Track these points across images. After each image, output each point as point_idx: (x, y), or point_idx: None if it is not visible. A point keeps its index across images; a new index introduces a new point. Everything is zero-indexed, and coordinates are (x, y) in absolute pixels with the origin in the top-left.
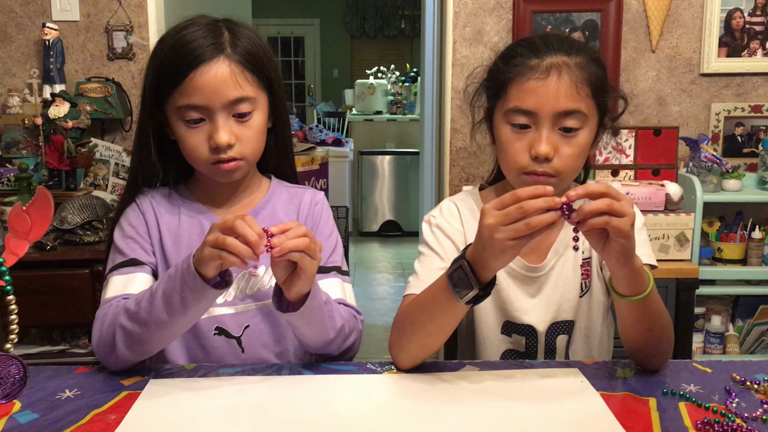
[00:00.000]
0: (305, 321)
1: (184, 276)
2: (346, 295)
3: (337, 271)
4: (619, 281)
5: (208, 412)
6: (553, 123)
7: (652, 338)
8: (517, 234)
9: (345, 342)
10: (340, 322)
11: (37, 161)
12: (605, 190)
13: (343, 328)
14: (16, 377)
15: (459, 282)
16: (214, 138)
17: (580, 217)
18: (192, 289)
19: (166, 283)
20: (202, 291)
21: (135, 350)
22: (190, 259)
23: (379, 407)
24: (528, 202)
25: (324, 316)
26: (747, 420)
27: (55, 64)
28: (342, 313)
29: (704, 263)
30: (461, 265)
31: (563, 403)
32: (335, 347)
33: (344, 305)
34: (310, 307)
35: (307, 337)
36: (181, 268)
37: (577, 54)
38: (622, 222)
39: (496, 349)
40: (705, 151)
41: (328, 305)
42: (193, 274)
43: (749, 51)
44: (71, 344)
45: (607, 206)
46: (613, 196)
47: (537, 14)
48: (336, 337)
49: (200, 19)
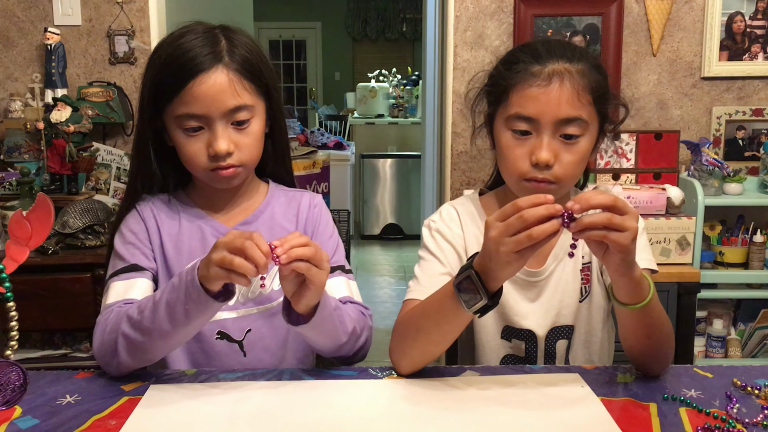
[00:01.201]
0: (317, 331)
1: (188, 288)
2: (352, 293)
3: (341, 270)
4: (618, 289)
5: (208, 417)
6: (554, 130)
7: (652, 345)
8: (519, 246)
9: (357, 342)
10: (351, 326)
11: (38, 165)
12: (611, 203)
13: (354, 330)
14: (16, 384)
15: (467, 292)
16: (213, 146)
17: (579, 229)
18: (196, 301)
19: (170, 294)
20: (206, 304)
21: (137, 358)
22: (194, 272)
23: (379, 412)
24: (528, 211)
25: (335, 323)
26: (748, 426)
27: (56, 68)
28: (351, 315)
29: (706, 267)
30: (469, 275)
31: (564, 408)
32: (348, 349)
33: (351, 303)
34: (321, 317)
35: (320, 344)
36: (185, 279)
37: (579, 61)
38: (621, 237)
39: (496, 354)
40: (706, 155)
41: (338, 311)
42: (197, 287)
43: (750, 55)
44: (73, 348)
45: (606, 220)
46: (619, 209)
47: (538, 18)
48: (348, 341)
49: (196, 26)
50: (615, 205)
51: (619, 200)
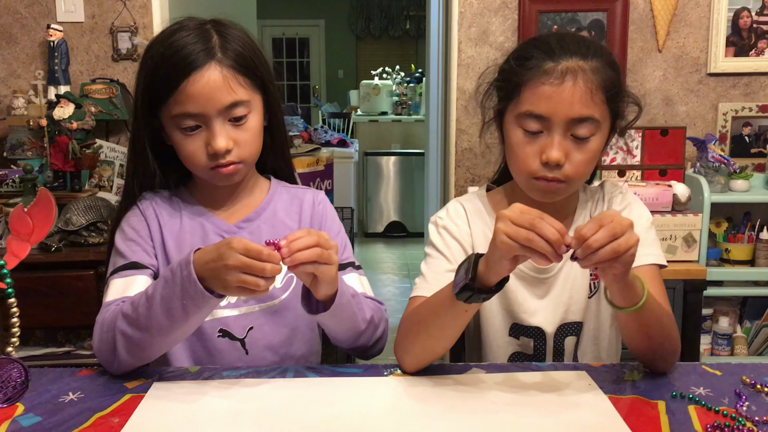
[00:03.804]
0: (336, 319)
1: (184, 284)
2: (365, 289)
3: (352, 267)
4: (612, 294)
5: (212, 414)
6: (565, 129)
7: (654, 344)
8: (516, 236)
9: (375, 332)
10: (369, 313)
11: (41, 163)
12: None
13: (373, 318)
14: (17, 381)
15: (459, 273)
16: (211, 144)
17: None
18: (193, 297)
19: (164, 289)
20: (203, 299)
21: (136, 355)
22: (190, 267)
23: (384, 410)
24: (543, 223)
25: (354, 309)
26: (758, 423)
27: (59, 65)
28: (369, 305)
29: (712, 264)
30: (469, 258)
31: (571, 406)
32: (367, 338)
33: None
34: (340, 303)
35: (340, 333)
36: (180, 275)
37: (593, 58)
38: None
39: (504, 351)
40: (712, 152)
41: (356, 298)
42: (194, 282)
43: (757, 50)
44: (76, 345)
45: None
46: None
47: (543, 14)
48: (367, 328)
49: (188, 22)
50: (614, 234)
51: (616, 225)
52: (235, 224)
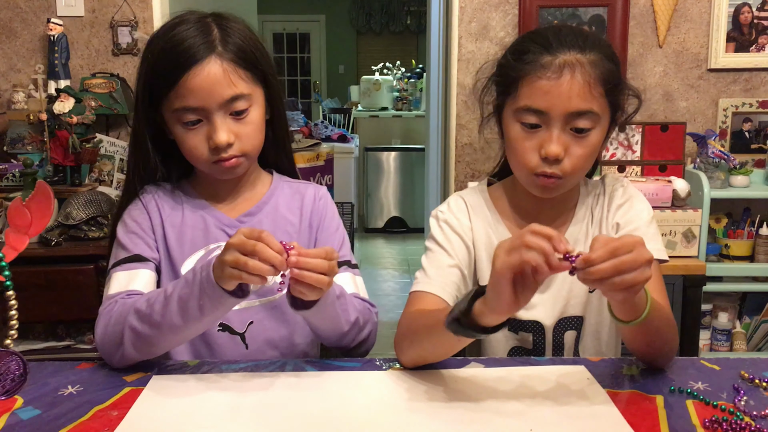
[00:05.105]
0: (319, 317)
1: (203, 284)
2: (358, 289)
3: (348, 266)
4: (615, 308)
5: (211, 408)
6: (564, 123)
7: (654, 350)
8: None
9: (360, 334)
10: (354, 315)
11: (42, 157)
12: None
13: (357, 320)
14: (16, 373)
15: (457, 305)
16: (213, 138)
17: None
18: (211, 297)
19: (183, 288)
20: (221, 300)
21: (142, 351)
22: (210, 268)
23: (383, 404)
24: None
25: (337, 311)
26: (756, 418)
27: (59, 59)
28: (356, 306)
29: (711, 260)
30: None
31: (569, 400)
32: (349, 339)
33: (358, 299)
34: (323, 305)
35: (321, 330)
36: (200, 276)
37: (591, 50)
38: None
39: (503, 346)
40: (712, 147)
41: (342, 299)
42: (213, 284)
43: (757, 46)
44: (76, 339)
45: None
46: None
47: (543, 9)
48: (350, 330)
49: (189, 15)
50: (616, 250)
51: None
52: (237, 218)
